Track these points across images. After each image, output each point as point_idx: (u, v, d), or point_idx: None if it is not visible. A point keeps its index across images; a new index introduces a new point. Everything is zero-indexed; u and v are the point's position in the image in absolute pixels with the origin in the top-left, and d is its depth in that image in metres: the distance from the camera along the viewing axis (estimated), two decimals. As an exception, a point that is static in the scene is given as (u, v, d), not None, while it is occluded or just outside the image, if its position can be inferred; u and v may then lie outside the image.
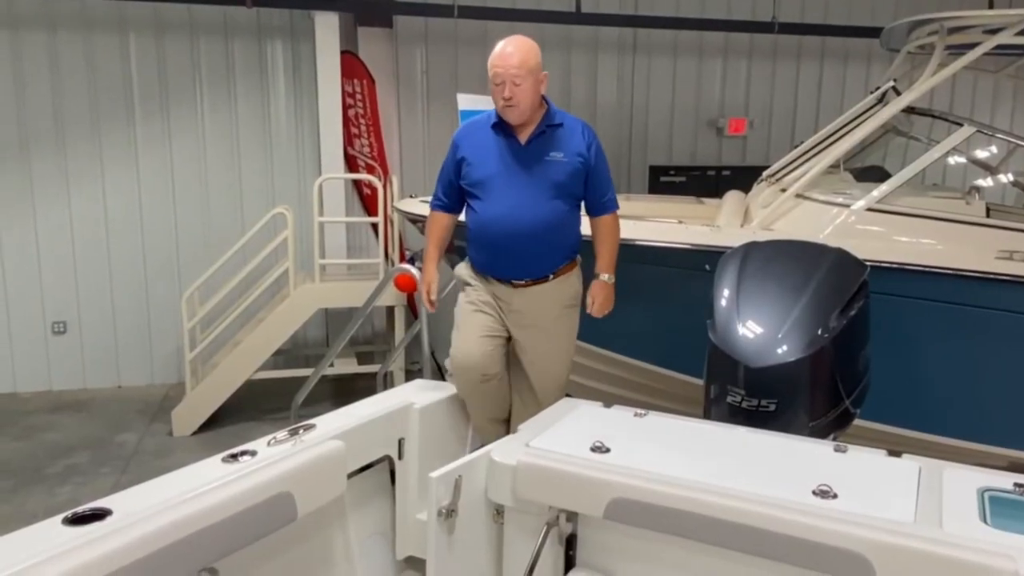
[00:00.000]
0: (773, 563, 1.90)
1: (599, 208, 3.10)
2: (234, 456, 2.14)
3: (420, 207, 4.82)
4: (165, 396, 6.21)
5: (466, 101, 5.80)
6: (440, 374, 4.72)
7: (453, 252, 4.81)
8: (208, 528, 1.86)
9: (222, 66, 6.44)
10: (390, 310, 6.08)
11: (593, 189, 3.03)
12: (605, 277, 3.07)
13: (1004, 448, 3.76)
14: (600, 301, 3.06)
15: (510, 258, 2.92)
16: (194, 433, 5.41)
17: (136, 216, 6.40)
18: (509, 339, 3.08)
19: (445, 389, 2.96)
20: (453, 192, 3.04)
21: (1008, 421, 3.86)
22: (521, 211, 2.86)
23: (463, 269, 3.11)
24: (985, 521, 1.87)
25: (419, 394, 2.84)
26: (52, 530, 1.72)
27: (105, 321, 6.43)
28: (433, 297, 3.02)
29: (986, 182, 5.41)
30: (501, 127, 2.95)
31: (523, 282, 2.96)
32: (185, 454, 4.91)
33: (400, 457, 2.65)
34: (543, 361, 3.06)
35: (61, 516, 1.77)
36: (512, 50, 2.86)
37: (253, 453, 2.14)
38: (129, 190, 6.37)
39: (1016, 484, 2.06)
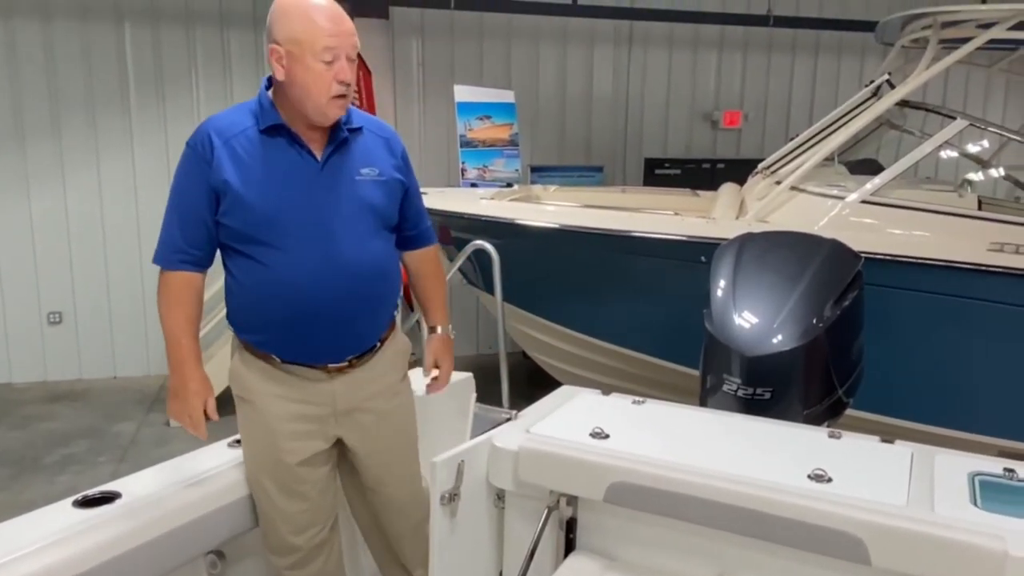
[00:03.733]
0: (770, 545, 1.94)
1: (420, 238, 2.26)
2: (239, 442, 2.18)
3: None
4: (162, 386, 6.22)
5: (464, 93, 5.82)
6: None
7: (450, 242, 4.86)
8: (216, 511, 1.90)
9: (218, 56, 6.43)
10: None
11: (411, 214, 2.19)
12: (441, 330, 2.34)
13: (994, 437, 3.81)
14: (448, 364, 2.37)
15: (328, 332, 1.96)
16: (192, 423, 5.42)
17: (132, 205, 6.39)
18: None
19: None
20: (208, 238, 1.95)
21: (998, 411, 3.92)
22: (339, 259, 1.94)
23: (237, 369, 2.06)
24: (975, 504, 1.92)
25: (418, 382, 2.87)
26: (62, 512, 1.75)
27: (101, 311, 6.43)
28: (213, 416, 1.99)
29: (978, 175, 5.47)
30: (283, 135, 1.94)
31: (345, 363, 2.03)
32: (183, 444, 4.87)
33: None
34: (396, 465, 2.19)
35: (71, 499, 1.80)
36: (340, 12, 1.91)
37: None
38: (125, 179, 6.36)
39: (1005, 469, 2.11)
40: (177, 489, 1.86)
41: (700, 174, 6.95)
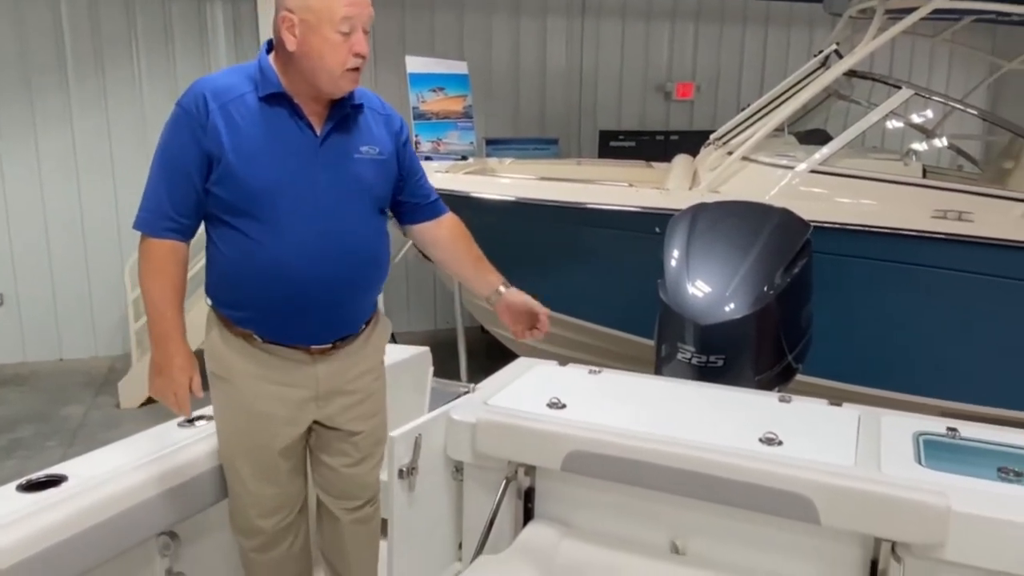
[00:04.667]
0: (723, 507, 1.98)
1: (433, 208, 2.17)
2: (190, 421, 2.13)
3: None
4: (110, 368, 6.07)
5: (416, 64, 5.73)
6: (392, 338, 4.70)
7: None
8: (167, 492, 1.86)
9: (159, 26, 6.21)
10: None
11: (417, 187, 2.11)
12: (503, 289, 2.22)
13: (938, 399, 3.94)
14: (533, 304, 2.25)
15: (316, 314, 1.87)
16: (142, 405, 5.30)
17: (73, 182, 6.17)
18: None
19: (400, 351, 2.97)
20: (197, 207, 1.83)
21: (942, 373, 4.05)
22: (334, 240, 1.85)
23: (215, 345, 1.92)
24: (920, 462, 1.98)
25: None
26: (6, 498, 1.70)
27: (44, 292, 6.22)
28: (198, 394, 1.87)
29: (923, 145, 5.60)
30: (284, 105, 1.84)
31: (330, 345, 1.94)
32: (134, 426, 4.78)
33: None
34: (367, 447, 2.08)
35: (15, 483, 1.75)
36: None
37: (210, 418, 2.13)
38: (65, 155, 6.13)
39: (948, 428, 2.19)
40: (126, 470, 1.81)
41: (654, 146, 6.98)
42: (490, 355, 4.69)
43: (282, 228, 1.81)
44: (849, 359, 3.98)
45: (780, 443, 2.04)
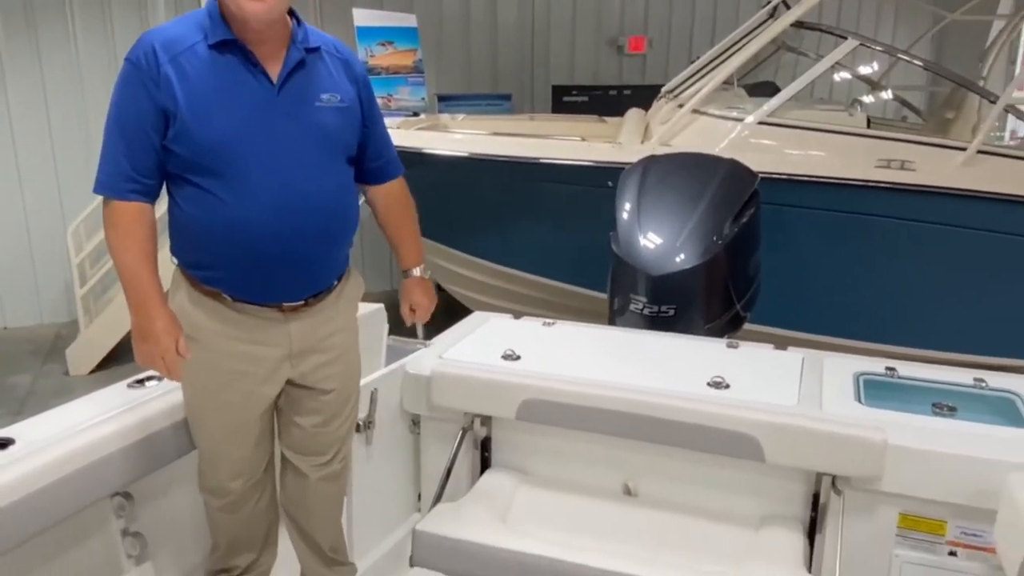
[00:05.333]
0: (673, 449, 2.05)
1: (386, 169, 2.06)
2: (140, 381, 2.11)
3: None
4: (57, 335, 5.92)
5: (363, 17, 5.60)
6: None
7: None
8: (118, 451, 1.84)
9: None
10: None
11: (374, 144, 2.00)
12: (419, 272, 2.17)
13: (881, 344, 4.08)
14: (426, 304, 2.18)
15: (284, 270, 1.81)
16: (92, 371, 5.21)
17: (8, 143, 5.92)
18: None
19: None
20: (158, 166, 1.75)
21: (884, 318, 4.19)
22: (298, 193, 1.78)
23: (183, 306, 1.84)
24: (859, 401, 2.07)
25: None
26: None
27: (-17, 260, 6.02)
28: (185, 354, 1.79)
29: (868, 96, 5.70)
30: (235, 52, 1.75)
31: (302, 302, 1.87)
32: (85, 393, 4.71)
33: None
34: (341, 404, 2.01)
35: None
36: None
37: (160, 378, 2.10)
38: (-2, 118, 5.89)
39: (887, 368, 2.28)
40: (74, 432, 1.79)
41: (607, 101, 6.97)
42: (447, 314, 4.67)
43: (242, 182, 1.74)
44: (795, 307, 4.08)
45: (727, 386, 2.10)
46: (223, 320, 1.83)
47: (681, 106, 4.48)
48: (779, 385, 2.13)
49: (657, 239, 3.05)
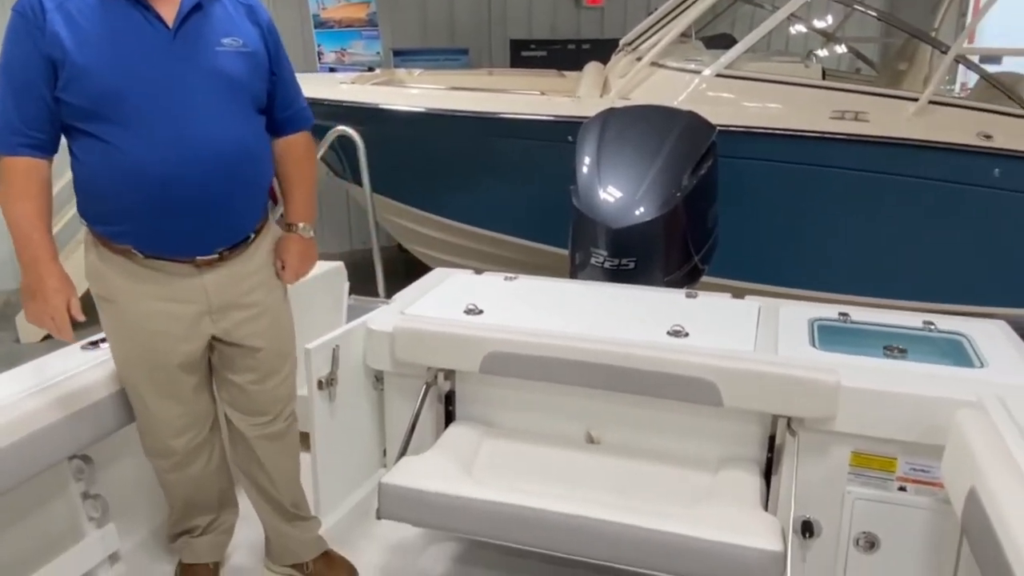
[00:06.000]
0: (634, 397, 2.09)
1: (293, 120, 2.00)
2: (94, 343, 2.07)
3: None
4: (5, 303, 5.75)
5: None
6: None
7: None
8: (74, 415, 1.82)
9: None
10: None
11: (283, 93, 1.95)
12: (302, 228, 2.04)
13: (836, 293, 4.17)
14: (295, 263, 2.03)
15: (190, 221, 1.77)
16: (44, 339, 5.08)
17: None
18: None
19: (317, 266, 2.92)
20: (50, 119, 1.71)
21: (839, 269, 4.28)
22: (198, 140, 1.73)
23: (95, 267, 1.84)
24: (814, 345, 2.12)
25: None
26: None
27: (-77, 227, 5.79)
28: (78, 316, 1.78)
29: (823, 50, 5.74)
30: None
31: (215, 255, 1.83)
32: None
33: None
34: (275, 361, 1.98)
35: None
36: None
37: None
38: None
39: (840, 313, 2.34)
40: (28, 395, 1.75)
41: (566, 55, 6.90)
42: (408, 273, 4.64)
43: (139, 130, 1.70)
44: (752, 259, 4.14)
45: (686, 335, 2.14)
46: (135, 278, 1.81)
47: (639, 59, 4.45)
48: (736, 332, 2.18)
49: (617, 192, 3.06)
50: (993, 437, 1.61)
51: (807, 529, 2.01)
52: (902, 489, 1.95)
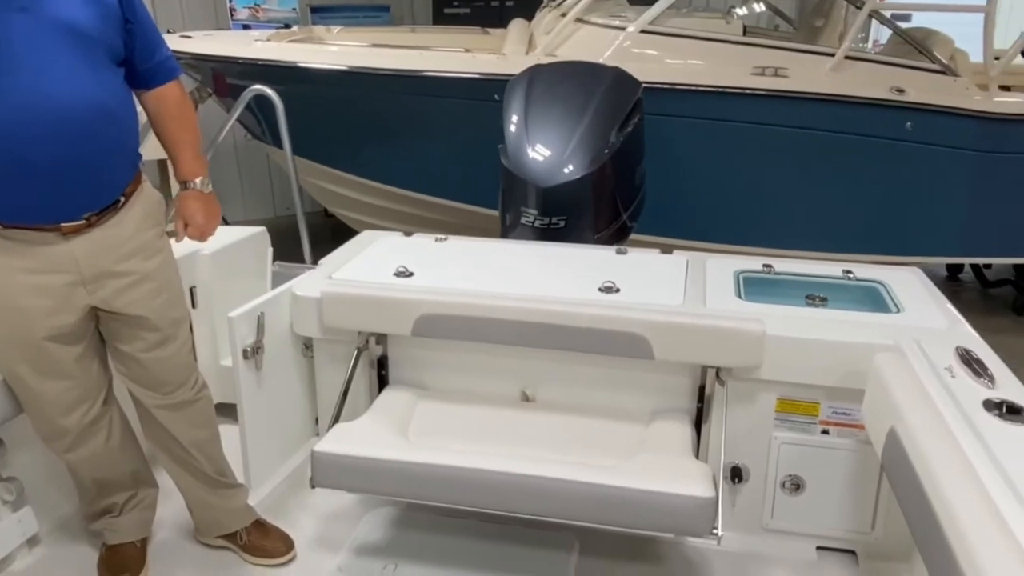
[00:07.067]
0: (568, 353, 2.09)
1: (157, 72, 1.87)
2: None
3: (182, 43, 4.34)
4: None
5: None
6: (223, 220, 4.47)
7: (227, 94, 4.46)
8: None
9: None
10: (162, 164, 5.57)
11: (142, 44, 1.81)
12: (199, 183, 1.98)
13: (760, 247, 4.28)
14: (200, 221, 1.99)
15: (47, 185, 1.66)
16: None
17: None
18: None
19: (235, 232, 2.83)
20: None
21: (763, 223, 4.38)
22: (44, 96, 1.61)
23: None
24: (740, 296, 2.17)
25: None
26: None
27: None
28: None
29: (742, 6, 5.80)
30: None
31: (82, 220, 1.74)
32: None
33: (193, 307, 2.55)
34: (164, 329, 1.90)
35: None
36: None
37: None
38: None
39: (764, 265, 2.40)
40: None
41: (489, 12, 6.77)
42: (336, 238, 4.53)
43: None
44: (679, 215, 4.20)
45: (618, 290, 2.16)
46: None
47: (564, 15, 4.41)
48: (666, 286, 2.20)
49: (545, 151, 3.03)
50: (910, 379, 1.68)
51: (736, 474, 2.08)
52: (825, 432, 2.03)
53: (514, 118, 3.18)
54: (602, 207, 3.14)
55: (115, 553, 2.06)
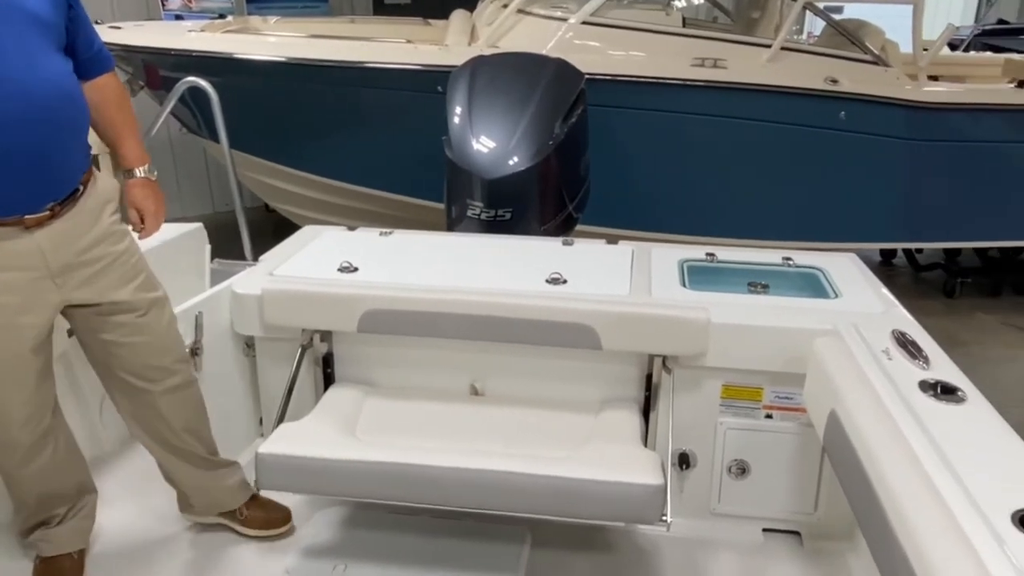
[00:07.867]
0: (516, 346, 2.09)
1: (96, 62, 1.86)
2: None
3: (112, 34, 4.18)
4: None
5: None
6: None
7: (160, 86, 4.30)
8: None
9: None
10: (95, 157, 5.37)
11: (84, 32, 1.80)
12: (143, 172, 1.96)
13: (704, 236, 4.35)
14: (153, 207, 1.97)
15: (12, 173, 1.61)
16: None
17: None
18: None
19: (170, 229, 2.73)
20: None
21: (705, 212, 4.45)
22: (17, 81, 1.58)
23: None
24: (684, 285, 2.19)
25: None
26: None
27: None
28: None
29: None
30: None
31: (46, 211, 1.68)
32: None
33: None
34: (146, 307, 1.85)
35: None
36: None
37: None
38: None
39: (707, 253, 2.43)
40: None
41: (431, 3, 6.68)
42: (277, 234, 4.43)
43: None
44: (622, 206, 4.24)
45: (565, 282, 2.16)
46: None
47: (506, 6, 4.39)
48: (612, 277, 2.22)
49: (490, 142, 3.02)
50: (849, 362, 1.72)
51: (684, 461, 2.11)
52: (768, 417, 2.07)
53: (458, 110, 3.16)
54: (548, 198, 3.15)
55: (50, 566, 1.97)
